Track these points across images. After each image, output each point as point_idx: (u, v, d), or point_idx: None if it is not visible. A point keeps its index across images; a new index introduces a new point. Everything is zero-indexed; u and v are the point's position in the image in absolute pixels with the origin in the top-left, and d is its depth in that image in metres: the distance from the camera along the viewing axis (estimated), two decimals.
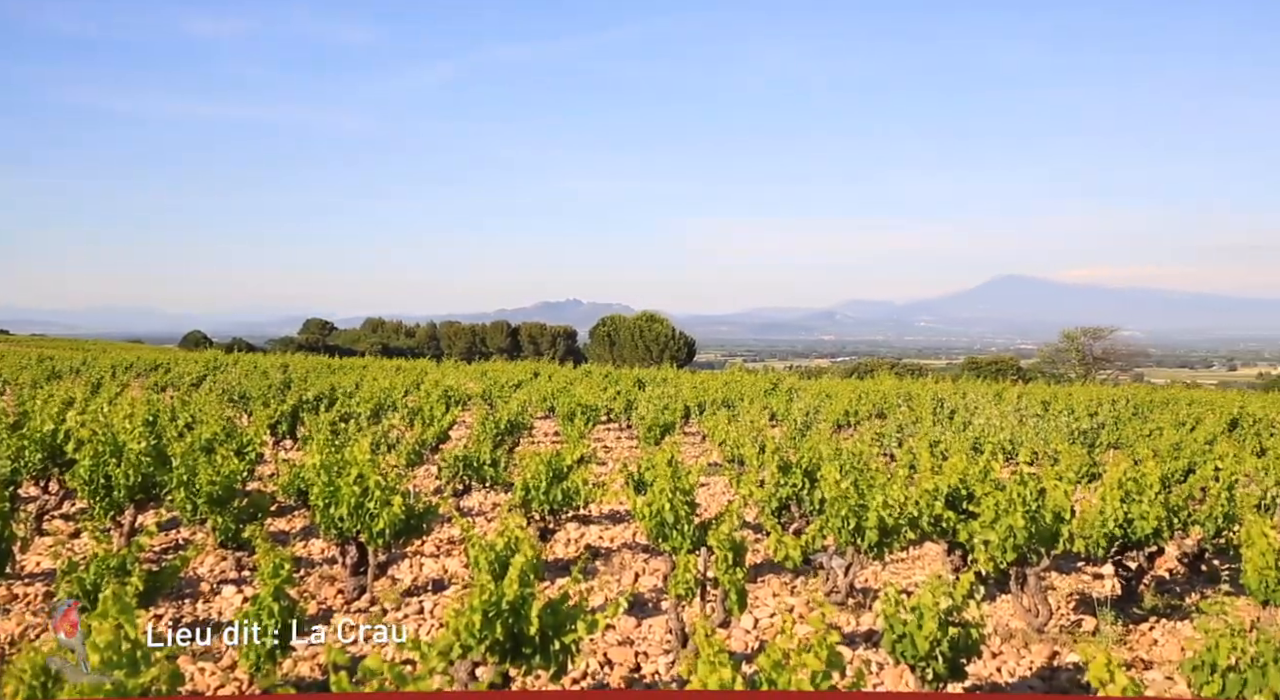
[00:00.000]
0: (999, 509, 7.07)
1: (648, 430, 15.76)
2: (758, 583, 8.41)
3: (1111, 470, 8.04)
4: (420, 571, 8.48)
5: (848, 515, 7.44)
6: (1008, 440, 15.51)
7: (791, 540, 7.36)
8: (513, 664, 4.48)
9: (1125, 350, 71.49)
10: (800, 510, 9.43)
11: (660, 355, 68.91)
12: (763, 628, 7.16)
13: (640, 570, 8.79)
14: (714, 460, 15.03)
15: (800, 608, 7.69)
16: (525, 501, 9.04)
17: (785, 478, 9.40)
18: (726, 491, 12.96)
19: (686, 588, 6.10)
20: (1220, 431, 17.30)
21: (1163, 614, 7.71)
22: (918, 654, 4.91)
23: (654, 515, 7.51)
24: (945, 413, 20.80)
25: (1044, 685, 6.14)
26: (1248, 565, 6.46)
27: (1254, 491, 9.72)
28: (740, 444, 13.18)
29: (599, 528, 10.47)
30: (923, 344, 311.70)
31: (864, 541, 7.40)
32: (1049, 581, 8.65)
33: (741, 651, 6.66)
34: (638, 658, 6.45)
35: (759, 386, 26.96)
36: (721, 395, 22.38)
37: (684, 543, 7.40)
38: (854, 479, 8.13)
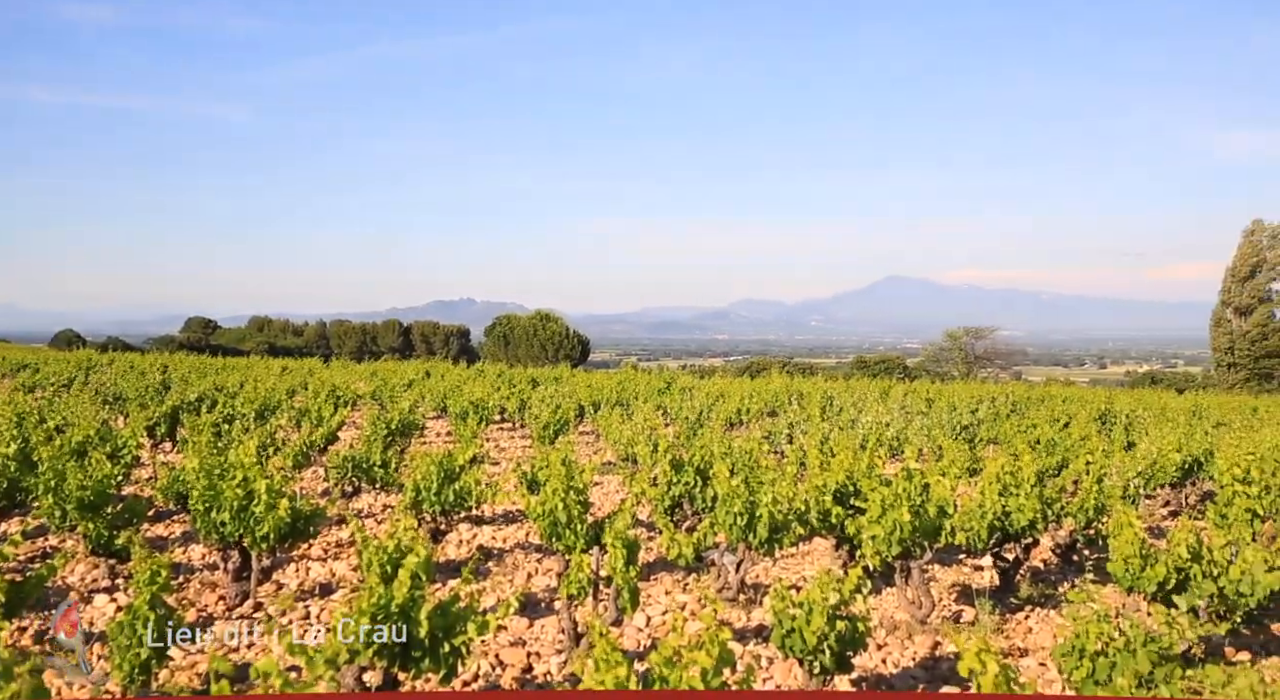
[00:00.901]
0: (885, 504, 7.24)
1: (542, 429, 15.68)
2: (650, 581, 8.45)
3: (991, 465, 8.31)
4: (307, 576, 8.27)
5: (739, 512, 7.53)
6: (894, 437, 15.91)
7: (684, 538, 7.41)
8: (401, 668, 4.40)
9: (1005, 349, 74.13)
10: (693, 508, 9.50)
11: (555, 354, 68.71)
12: (655, 625, 7.19)
13: (533, 570, 8.75)
14: (608, 459, 15.04)
15: (692, 605, 7.75)
16: (416, 503, 8.90)
17: (678, 476, 9.46)
18: (620, 490, 12.99)
19: (579, 587, 6.08)
20: (1091, 427, 18.09)
21: (1038, 603, 8.02)
22: (806, 648, 4.99)
23: (547, 515, 7.47)
24: (834, 410, 21.23)
25: (926, 675, 6.32)
26: (1114, 554, 6.76)
27: (1120, 482, 10.19)
28: (634, 443, 13.22)
29: (492, 528, 10.37)
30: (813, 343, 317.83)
31: (755, 538, 7.49)
32: (932, 574, 8.90)
33: (634, 650, 6.67)
34: (530, 658, 6.41)
35: (653, 385, 27.09)
36: (615, 394, 22.42)
37: (577, 542, 7.38)
38: (745, 476, 8.23)
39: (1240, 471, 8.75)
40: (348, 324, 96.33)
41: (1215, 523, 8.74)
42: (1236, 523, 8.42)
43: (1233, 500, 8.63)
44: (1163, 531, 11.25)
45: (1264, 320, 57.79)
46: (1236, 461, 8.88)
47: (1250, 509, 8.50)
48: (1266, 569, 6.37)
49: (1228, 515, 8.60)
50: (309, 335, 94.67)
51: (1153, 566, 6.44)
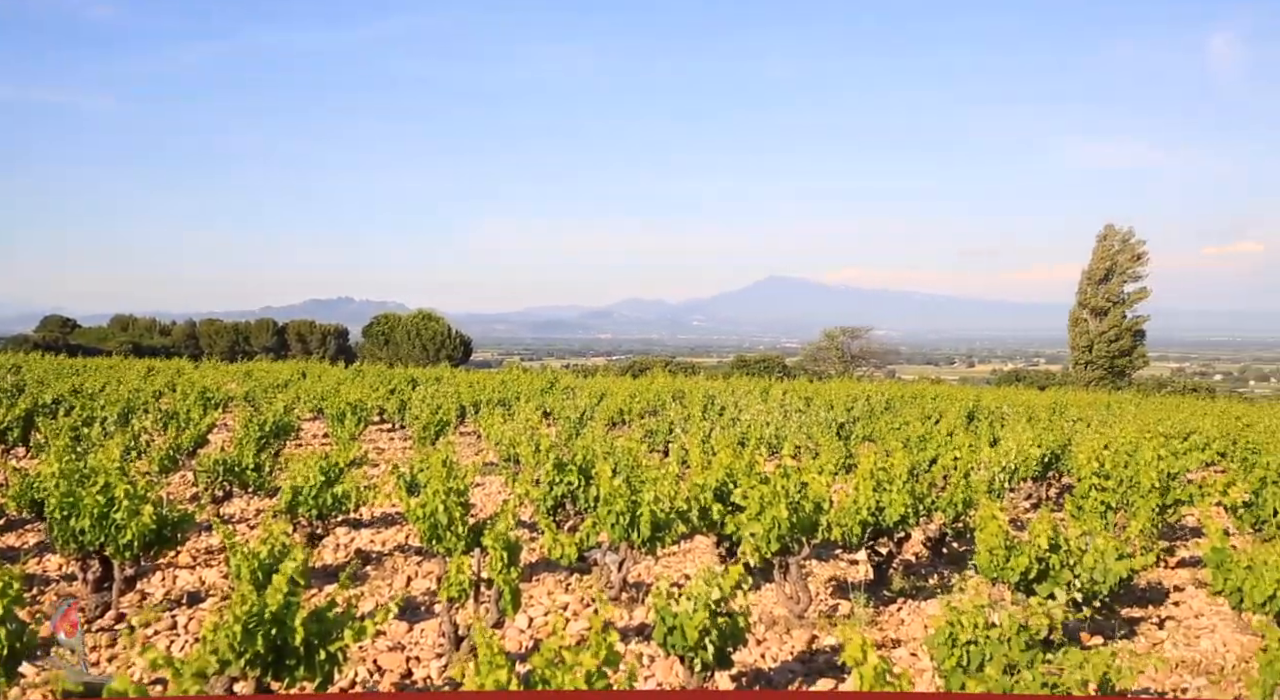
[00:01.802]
0: (764, 502, 7.37)
1: (422, 430, 15.45)
2: (533, 582, 8.41)
3: (865, 462, 8.54)
4: (174, 584, 7.96)
5: (621, 511, 7.56)
6: (773, 435, 16.21)
7: (566, 538, 7.41)
8: (274, 676, 4.28)
9: (879, 348, 76.29)
10: (575, 508, 9.50)
11: (436, 354, 67.73)
12: (537, 626, 7.16)
13: (413, 573, 8.61)
14: (490, 460, 14.91)
15: (575, 605, 7.75)
16: (292, 506, 8.66)
17: (561, 476, 9.44)
18: (503, 491, 12.89)
19: (460, 589, 6.01)
20: (959, 423, 18.79)
21: (909, 595, 8.28)
22: (687, 645, 5.05)
23: (427, 517, 7.37)
24: (715, 409, 21.50)
25: (804, 668, 6.46)
26: (981, 546, 7.04)
27: (986, 477, 10.60)
28: (516, 443, 13.13)
29: (371, 531, 10.17)
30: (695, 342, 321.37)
31: (637, 537, 7.54)
32: (809, 569, 9.11)
33: (516, 651, 6.64)
34: (409, 663, 6.31)
35: (535, 385, 26.97)
36: (498, 394, 22.24)
37: (458, 544, 7.30)
38: (627, 476, 8.27)
39: (1094, 465, 9.21)
40: (219, 323, 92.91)
41: (1072, 514, 9.18)
42: (1091, 514, 8.86)
43: (1088, 493, 9.08)
44: (1025, 524, 11.76)
45: (1117, 321, 60.97)
46: (1091, 456, 9.34)
47: (1104, 501, 8.95)
48: (1117, 557, 6.74)
49: (1083, 507, 9.04)
50: (177, 335, 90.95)
51: (1016, 557, 6.73)
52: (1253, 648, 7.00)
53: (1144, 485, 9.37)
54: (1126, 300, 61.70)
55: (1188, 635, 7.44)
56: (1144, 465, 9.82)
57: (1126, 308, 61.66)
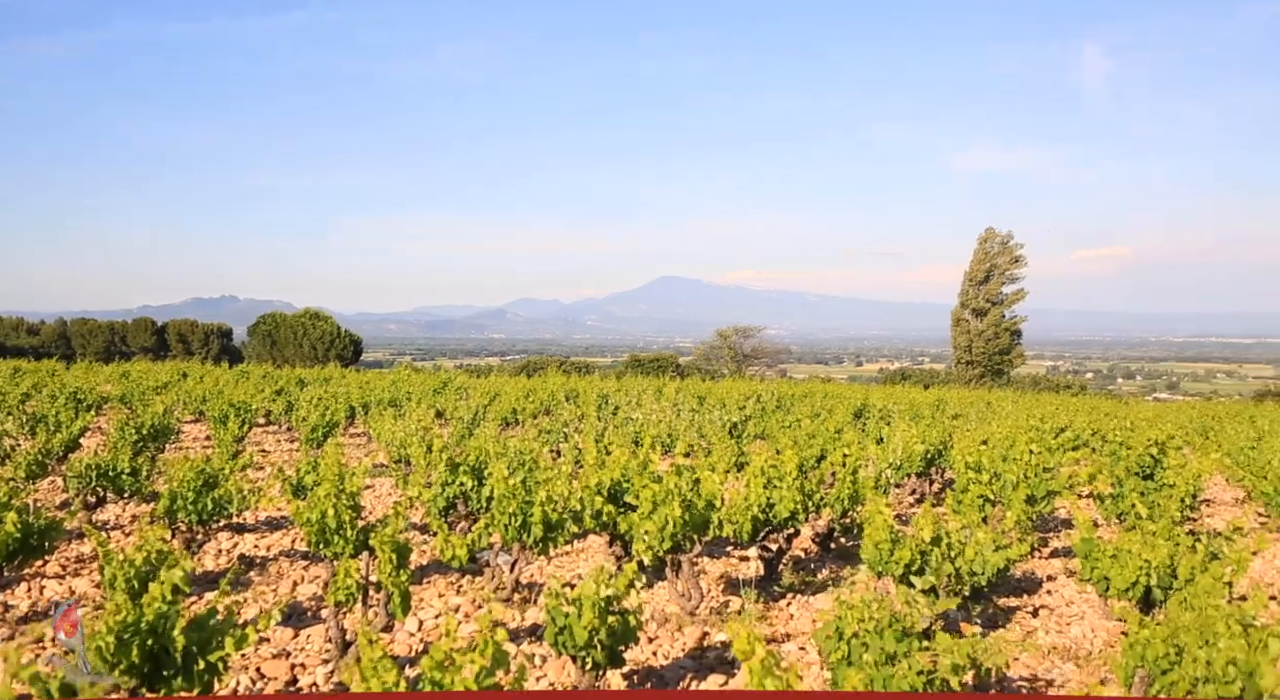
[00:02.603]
0: (657, 500, 7.43)
1: (310, 432, 15.09)
2: (423, 584, 8.30)
3: (756, 460, 8.68)
4: (41, 595, 7.60)
5: (514, 512, 7.52)
6: (666, 434, 16.34)
7: (458, 539, 7.33)
8: (151, 687, 4.13)
9: (771, 348, 77.54)
10: (468, 509, 9.41)
11: (325, 355, 66.16)
12: (427, 629, 7.07)
13: (299, 578, 8.41)
14: (380, 461, 14.66)
15: (466, 607, 7.68)
16: (170, 512, 8.36)
17: (453, 477, 9.34)
18: (393, 492, 12.70)
19: (347, 593, 5.90)
20: (848, 421, 19.23)
21: (799, 590, 8.45)
22: (578, 644, 5.05)
23: (315, 520, 7.20)
24: (609, 409, 21.56)
25: (695, 664, 6.53)
26: (867, 540, 7.22)
27: (873, 473, 10.88)
28: (407, 444, 12.95)
29: (255, 536, 9.88)
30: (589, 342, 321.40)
31: (530, 537, 7.51)
32: (701, 566, 9.21)
33: (406, 655, 6.54)
34: (294, 670, 6.16)
35: (428, 385, 26.61)
36: (389, 394, 21.86)
37: (347, 547, 7.16)
38: (521, 476, 8.23)
39: (973, 461, 9.54)
40: (93, 322, 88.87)
41: (953, 508, 9.49)
42: (970, 508, 9.17)
43: (967, 487, 9.40)
44: (910, 518, 12.10)
45: (996, 321, 63.28)
46: (970, 452, 9.67)
47: (982, 495, 9.28)
48: (995, 549, 7.00)
49: (963, 501, 9.36)
50: (47, 334, 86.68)
51: (900, 551, 6.92)
52: (1118, 633, 7.36)
53: (1016, 479, 9.75)
54: (1005, 301, 64.08)
55: (1059, 622, 7.77)
56: (1016, 460, 10.22)
57: (1005, 308, 64.05)
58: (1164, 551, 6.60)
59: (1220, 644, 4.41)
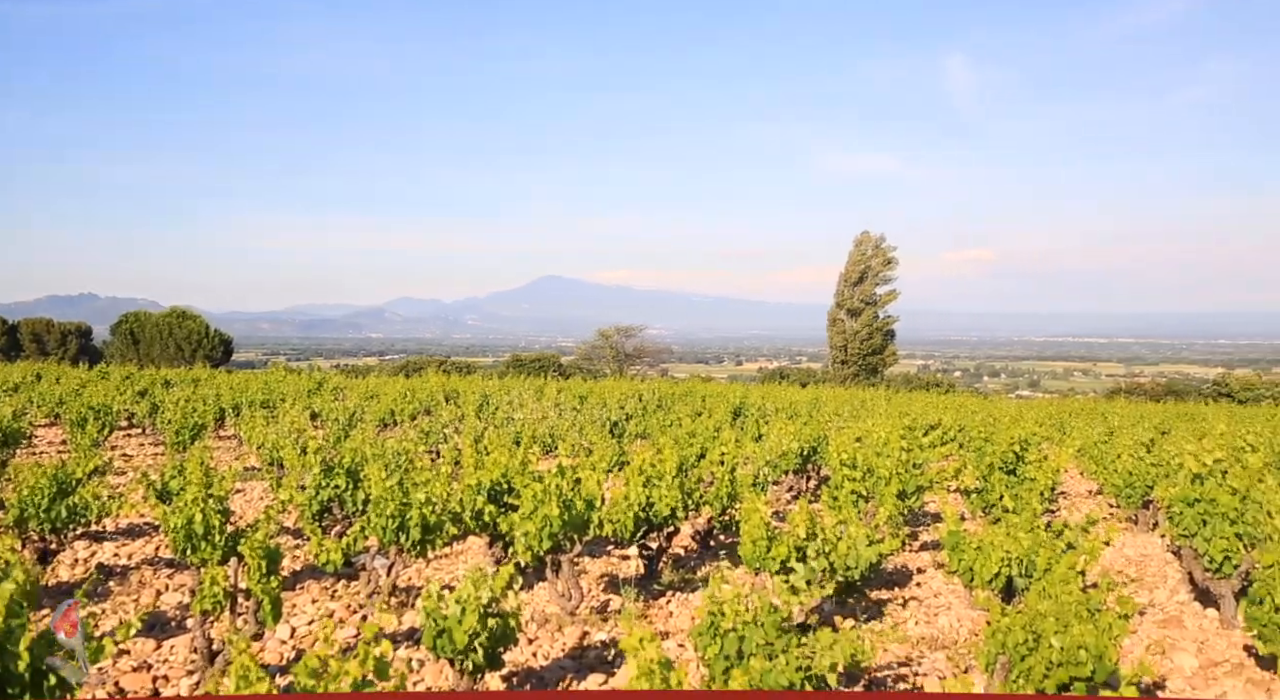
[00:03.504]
0: (538, 500, 7.39)
1: (176, 434, 14.52)
2: (296, 590, 8.07)
3: (637, 459, 8.72)
4: None
5: (391, 514, 7.38)
6: (547, 434, 16.28)
7: (333, 543, 7.16)
8: None
9: (653, 347, 78.04)
10: (343, 512, 9.20)
11: (193, 355, 63.68)
12: (300, 636, 6.88)
13: (164, 587, 8.07)
14: (252, 464, 14.21)
15: (341, 612, 7.50)
16: (21, 521, 7.92)
17: (328, 479, 9.12)
18: (265, 496, 12.32)
19: (215, 601, 5.69)
20: (726, 420, 19.51)
21: (678, 588, 8.52)
22: (457, 648, 4.98)
23: (181, 526, 6.93)
24: (490, 409, 21.37)
25: (575, 664, 6.52)
26: (744, 538, 7.33)
27: (751, 471, 11.06)
28: (280, 446, 12.57)
29: (115, 544, 9.45)
30: (470, 342, 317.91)
31: (407, 540, 7.38)
32: (582, 566, 9.21)
33: (278, 664, 6.35)
34: (156, 682, 5.92)
35: (302, 386, 25.90)
36: (261, 396, 21.20)
37: (215, 553, 6.91)
38: (399, 477, 8.09)
39: (848, 458, 9.78)
40: None
41: (829, 505, 9.72)
42: (845, 504, 9.41)
43: (842, 484, 9.64)
44: (786, 515, 12.34)
45: (870, 321, 65.13)
46: (844, 449, 9.92)
47: (855, 491, 9.53)
48: (868, 544, 7.19)
49: (838, 497, 9.59)
50: None
51: (776, 547, 7.05)
52: (982, 622, 7.65)
53: (888, 475, 10.04)
54: (878, 301, 65.99)
55: (928, 613, 8.04)
56: (889, 456, 10.53)
57: (878, 308, 65.96)
58: (1025, 543, 6.89)
59: (1073, 629, 4.62)
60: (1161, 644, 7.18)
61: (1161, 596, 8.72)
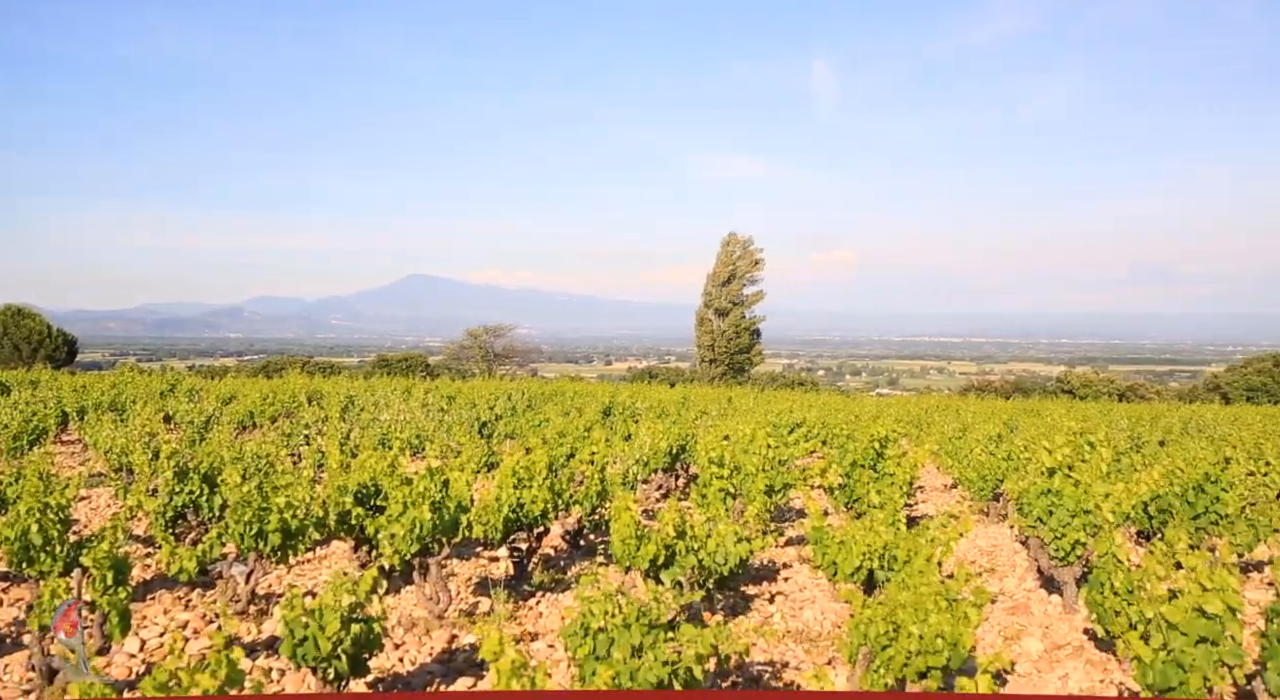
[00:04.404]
0: (406, 502, 7.25)
1: (13, 440, 13.69)
2: (147, 601, 7.69)
3: (507, 459, 8.65)
4: None
5: (250, 520, 7.12)
6: (415, 435, 16.00)
7: (186, 551, 6.86)
8: None
9: (522, 347, 77.53)
10: (198, 518, 8.83)
11: (32, 356, 60.10)
12: (151, 649, 6.56)
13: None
14: (98, 470, 13.50)
15: (196, 622, 7.19)
16: None
17: (181, 485, 8.74)
18: (113, 504, 11.71)
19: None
20: (596, 419, 19.53)
21: (549, 588, 8.48)
22: (319, 655, 4.83)
23: (17, 538, 6.52)
24: (356, 410, 20.88)
25: (443, 669, 6.41)
26: (615, 536, 7.34)
27: (620, 470, 11.10)
28: (129, 451, 12.00)
29: None
30: (335, 341, 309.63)
31: (267, 545, 7.13)
32: (450, 569, 9.07)
33: (126, 678, 6.03)
34: None
35: (154, 387, 24.76)
36: (109, 398, 20.17)
37: (55, 565, 6.53)
38: (259, 481, 7.81)
39: (716, 456, 9.91)
40: None
41: (698, 502, 9.83)
42: (714, 501, 9.53)
43: (710, 482, 9.76)
44: (656, 513, 12.44)
45: (738, 321, 66.24)
46: (713, 447, 10.05)
47: (724, 489, 9.66)
48: (736, 541, 7.30)
49: (707, 495, 9.71)
50: None
51: (645, 545, 7.08)
52: (845, 614, 7.86)
53: (753, 472, 10.23)
54: (746, 301, 67.18)
55: (793, 607, 8.22)
56: (756, 454, 10.72)
57: (746, 308, 67.16)
58: (885, 537, 7.11)
59: (931, 619, 4.79)
60: (1011, 630, 7.52)
61: (1011, 584, 9.13)
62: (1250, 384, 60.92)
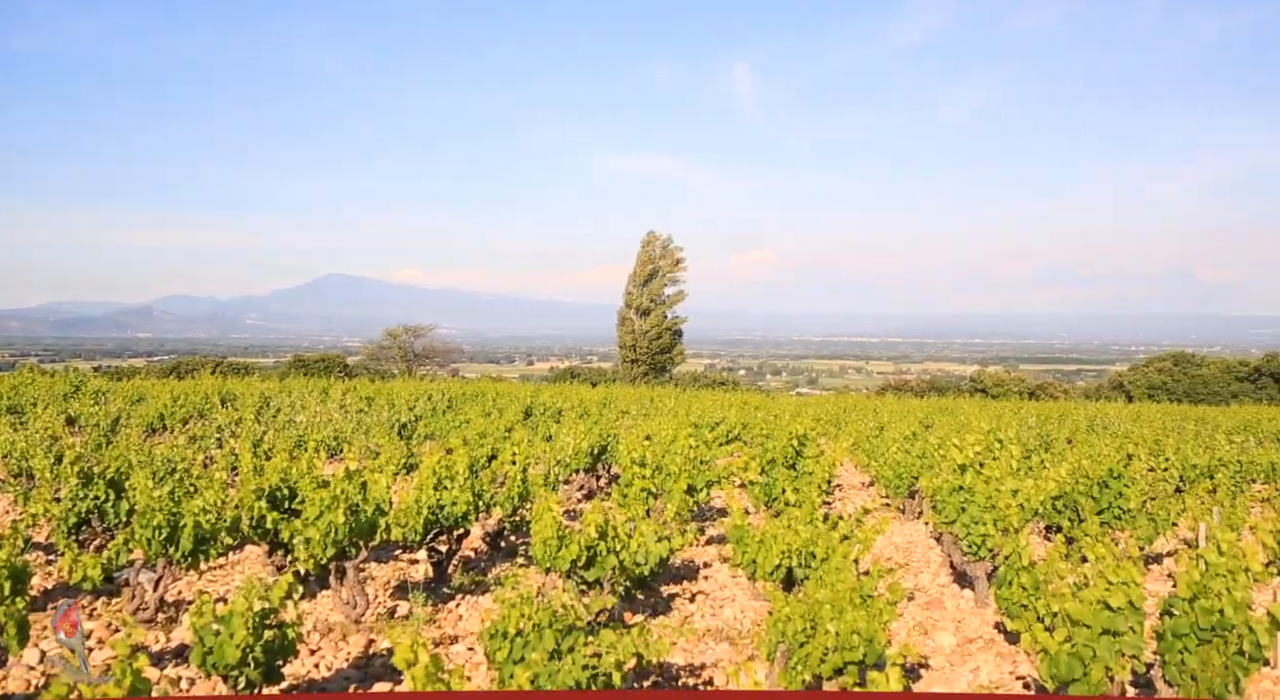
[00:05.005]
0: (322, 505, 7.12)
1: None
2: (49, 611, 7.42)
3: (427, 460, 8.55)
4: None
5: (159, 525, 6.92)
6: (333, 437, 15.73)
7: (90, 558, 6.64)
8: None
9: (443, 347, 76.71)
10: (104, 524, 8.55)
11: None
12: (52, 660, 6.33)
13: None
14: None
15: (101, 631, 6.95)
16: None
17: (86, 490, 8.45)
18: (12, 510, 11.28)
19: None
20: (518, 419, 19.43)
21: (469, 591, 8.41)
22: (230, 663, 4.71)
23: None
24: (271, 412, 20.44)
25: (359, 674, 6.31)
26: (536, 538, 7.31)
27: (542, 471, 11.06)
28: (30, 455, 11.57)
29: None
30: (250, 341, 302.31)
31: (178, 551, 6.94)
32: (368, 572, 8.94)
33: (24, 691, 5.81)
34: None
35: (57, 389, 23.90)
36: (8, 400, 19.44)
37: None
38: (169, 486, 7.59)
39: (638, 456, 9.94)
40: None
41: (619, 503, 9.83)
42: (635, 501, 9.55)
43: (632, 481, 9.77)
44: (579, 514, 12.41)
45: (659, 321, 66.43)
46: (634, 447, 10.07)
47: (645, 488, 9.68)
48: (657, 540, 7.32)
49: (628, 495, 9.72)
50: None
51: (567, 546, 7.06)
52: (765, 612, 7.94)
53: (674, 472, 10.27)
54: (667, 301, 67.41)
55: (714, 606, 8.27)
56: (678, 454, 10.77)
57: (667, 308, 67.37)
58: (804, 535, 7.20)
59: (848, 616, 4.87)
60: (925, 625, 7.68)
61: (925, 580, 9.33)
62: (1151, 382, 63.27)
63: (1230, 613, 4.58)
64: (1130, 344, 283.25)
